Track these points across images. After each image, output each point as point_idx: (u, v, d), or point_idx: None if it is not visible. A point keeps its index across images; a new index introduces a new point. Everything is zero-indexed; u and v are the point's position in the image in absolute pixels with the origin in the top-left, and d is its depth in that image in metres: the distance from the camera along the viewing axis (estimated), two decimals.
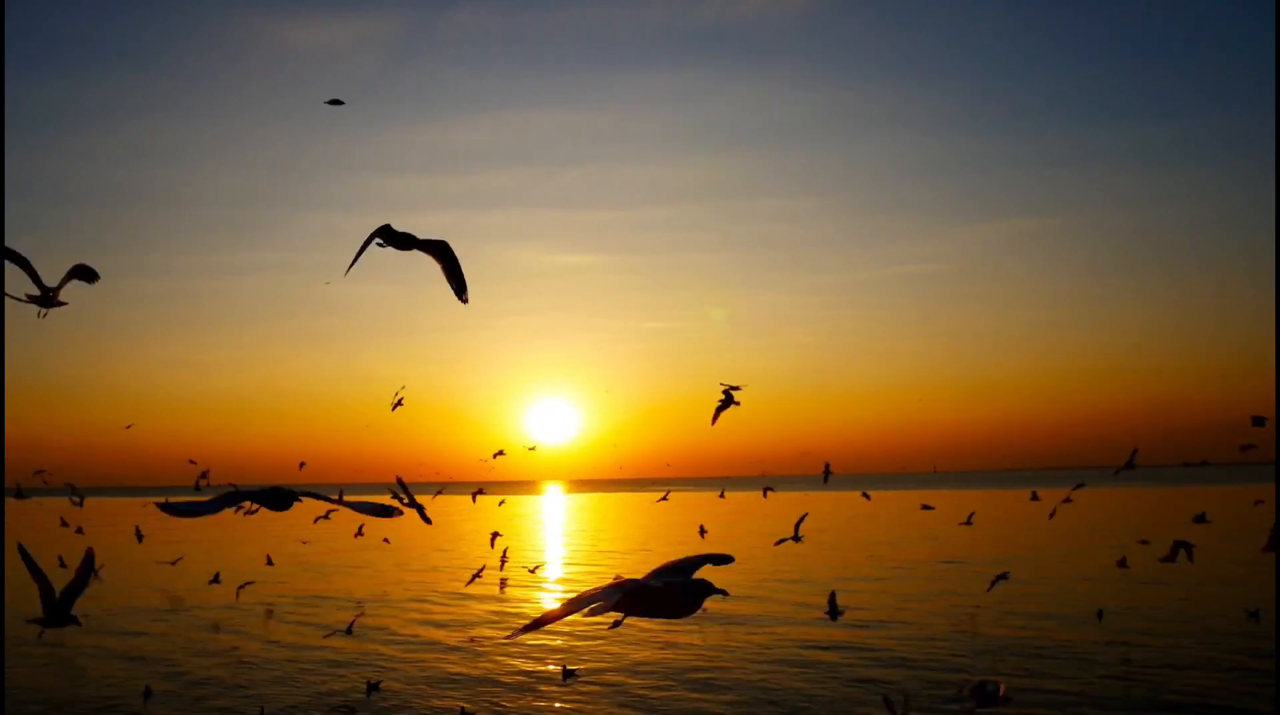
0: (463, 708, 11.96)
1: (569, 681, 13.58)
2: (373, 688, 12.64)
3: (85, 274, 4.77)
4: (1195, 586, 21.75)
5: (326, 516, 21.61)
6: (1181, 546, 12.37)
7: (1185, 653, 14.62)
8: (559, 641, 16.71)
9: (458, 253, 4.53)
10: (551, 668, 14.47)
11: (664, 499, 25.24)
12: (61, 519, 25.96)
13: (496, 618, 19.77)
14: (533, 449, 19.07)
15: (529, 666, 14.76)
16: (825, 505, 64.75)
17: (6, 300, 4.73)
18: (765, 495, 23.57)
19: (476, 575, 18.25)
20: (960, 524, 23.24)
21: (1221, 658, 14.22)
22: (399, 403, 11.35)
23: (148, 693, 12.59)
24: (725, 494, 37.37)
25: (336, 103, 7.49)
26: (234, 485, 15.96)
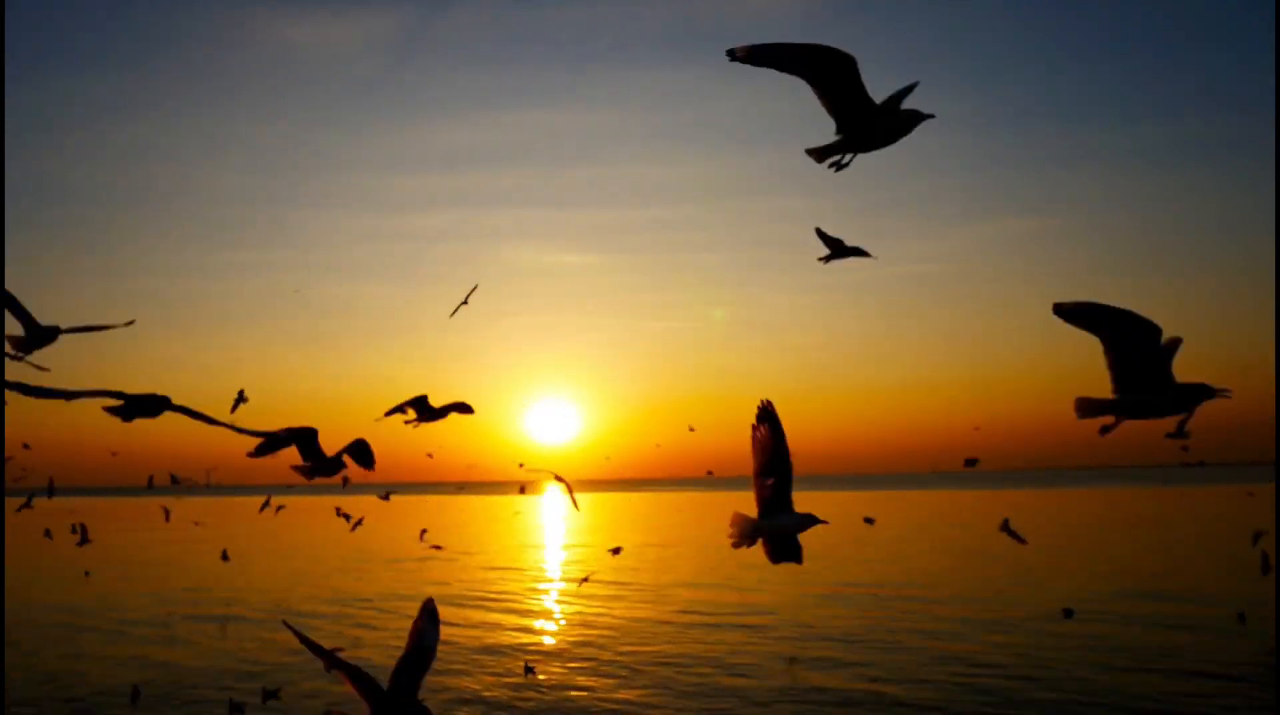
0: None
1: (529, 676, 13.66)
2: (269, 695, 12.05)
3: (463, 408, 5.21)
4: (1181, 587, 21.77)
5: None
6: None
7: (1171, 654, 14.65)
8: (527, 636, 16.74)
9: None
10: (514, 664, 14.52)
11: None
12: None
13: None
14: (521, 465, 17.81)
15: (488, 659, 14.77)
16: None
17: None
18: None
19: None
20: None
21: (1210, 659, 14.25)
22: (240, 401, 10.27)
23: (135, 694, 12.63)
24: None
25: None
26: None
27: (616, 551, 21.45)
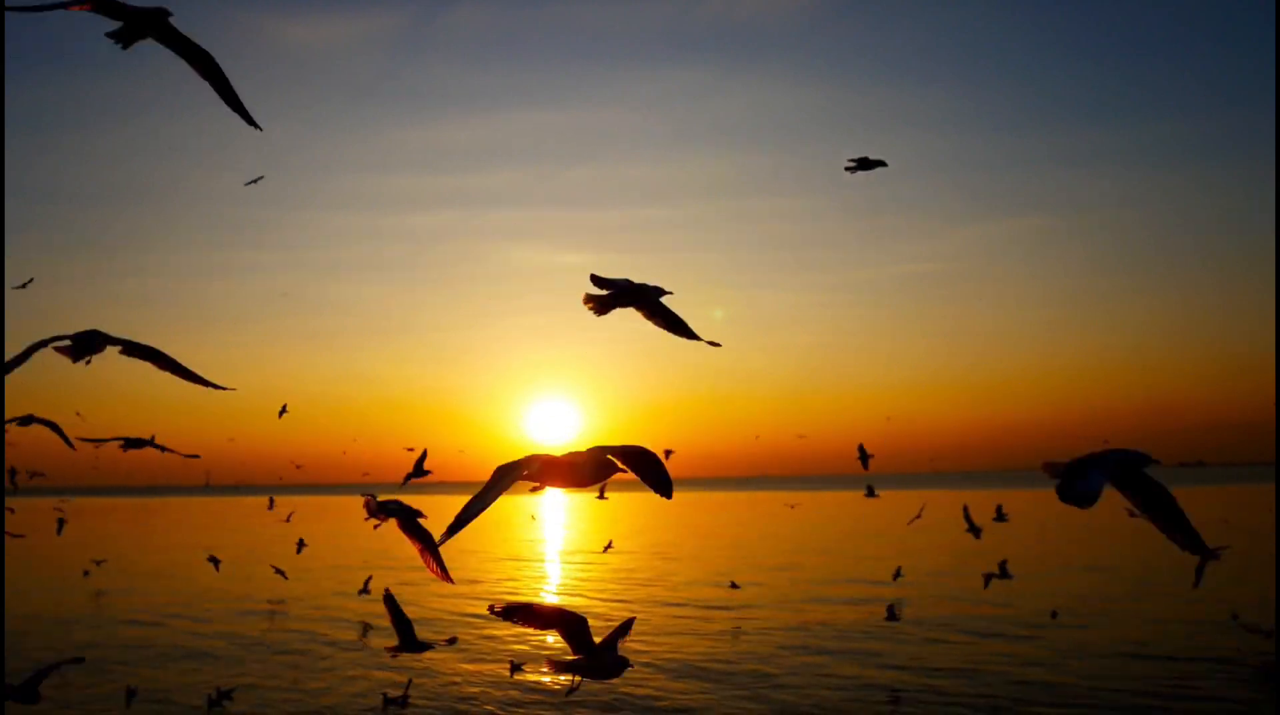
0: (385, 694, 12.00)
1: (514, 675, 13.67)
2: (222, 695, 12.08)
3: None
4: (1170, 588, 21.75)
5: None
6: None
7: (1162, 653, 14.67)
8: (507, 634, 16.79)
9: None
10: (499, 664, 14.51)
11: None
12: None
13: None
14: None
15: (473, 665, 14.77)
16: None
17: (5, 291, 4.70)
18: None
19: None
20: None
21: (1202, 659, 14.27)
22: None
23: (130, 694, 12.64)
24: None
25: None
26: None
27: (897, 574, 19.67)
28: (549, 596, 24.27)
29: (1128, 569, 25.51)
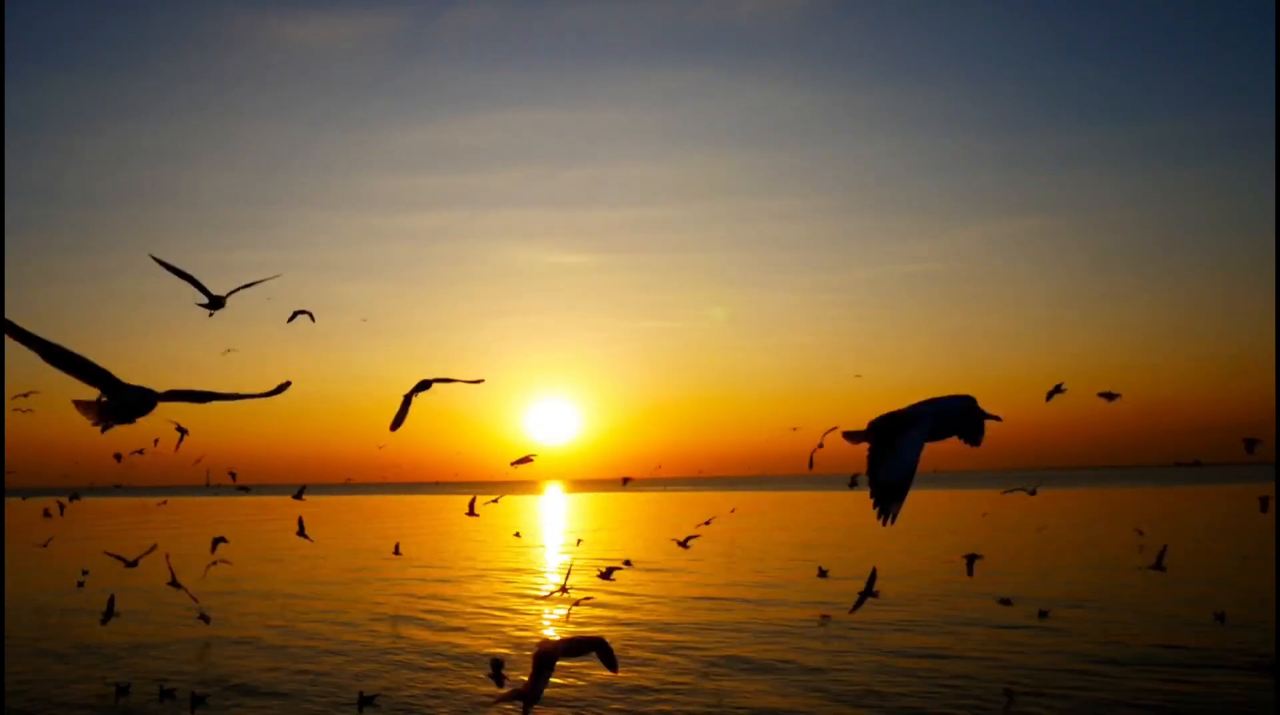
0: (361, 692, 12.16)
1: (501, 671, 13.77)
2: (197, 701, 12.15)
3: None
4: (1160, 588, 21.85)
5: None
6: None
7: (1151, 657, 14.75)
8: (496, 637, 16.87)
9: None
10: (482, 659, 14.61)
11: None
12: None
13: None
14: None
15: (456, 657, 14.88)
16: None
17: (8, 297, 4.93)
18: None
19: None
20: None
21: (1193, 661, 14.36)
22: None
23: (122, 691, 12.74)
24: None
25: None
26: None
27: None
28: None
29: (1125, 563, 25.60)
